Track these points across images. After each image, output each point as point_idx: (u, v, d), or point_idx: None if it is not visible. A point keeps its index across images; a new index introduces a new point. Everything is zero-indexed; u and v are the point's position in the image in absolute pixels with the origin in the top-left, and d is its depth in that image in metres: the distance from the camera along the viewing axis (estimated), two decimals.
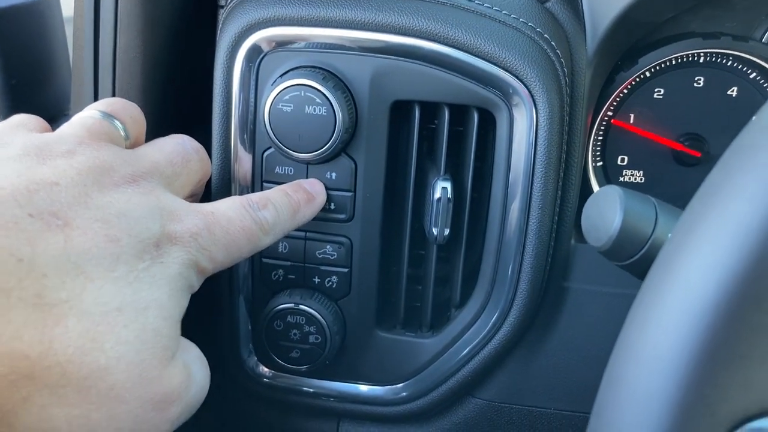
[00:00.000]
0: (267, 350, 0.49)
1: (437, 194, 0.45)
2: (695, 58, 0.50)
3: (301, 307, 0.48)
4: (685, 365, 0.23)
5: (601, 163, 0.53)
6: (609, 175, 0.54)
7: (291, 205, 0.42)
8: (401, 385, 0.51)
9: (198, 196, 0.46)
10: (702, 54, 0.50)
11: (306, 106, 0.42)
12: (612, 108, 0.52)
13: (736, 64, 0.50)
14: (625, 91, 0.51)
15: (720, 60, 0.50)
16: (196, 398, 0.36)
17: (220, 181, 0.47)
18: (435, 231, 0.46)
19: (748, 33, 0.50)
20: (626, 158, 0.53)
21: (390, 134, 0.45)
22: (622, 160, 0.53)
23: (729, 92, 0.51)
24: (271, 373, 0.52)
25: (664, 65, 0.51)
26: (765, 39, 0.50)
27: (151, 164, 0.38)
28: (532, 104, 0.43)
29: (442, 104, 0.45)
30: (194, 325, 0.39)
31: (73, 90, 0.49)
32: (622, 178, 0.54)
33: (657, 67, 0.51)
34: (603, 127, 0.52)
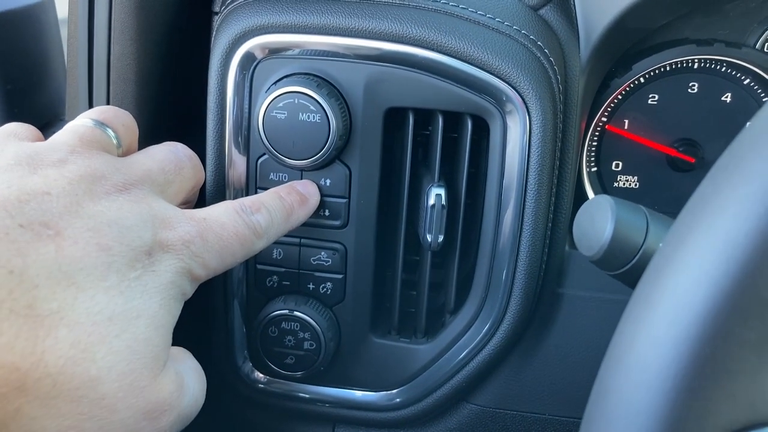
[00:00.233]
0: (262, 356, 0.49)
1: (431, 201, 0.45)
2: (689, 65, 0.50)
3: (296, 314, 0.48)
4: (673, 377, 0.23)
5: (595, 168, 0.54)
6: (603, 181, 0.54)
7: (284, 208, 0.42)
8: (396, 391, 0.51)
9: (191, 204, 0.45)
10: (696, 60, 0.50)
11: (300, 113, 0.42)
12: (606, 114, 0.52)
13: (729, 71, 0.50)
14: (620, 97, 0.51)
15: (714, 66, 0.50)
16: (190, 408, 0.36)
17: (214, 188, 0.47)
18: (429, 237, 0.46)
19: (741, 40, 0.50)
20: (621, 164, 0.53)
21: (384, 141, 0.45)
22: (617, 166, 0.53)
23: (723, 98, 0.51)
24: (266, 379, 0.52)
25: (658, 71, 0.51)
26: (758, 45, 0.51)
27: (143, 172, 0.38)
28: (526, 111, 0.43)
29: (436, 111, 0.45)
30: (189, 332, 0.39)
31: (68, 97, 0.49)
32: (616, 184, 0.54)
33: (651, 73, 0.51)
34: (597, 133, 0.53)
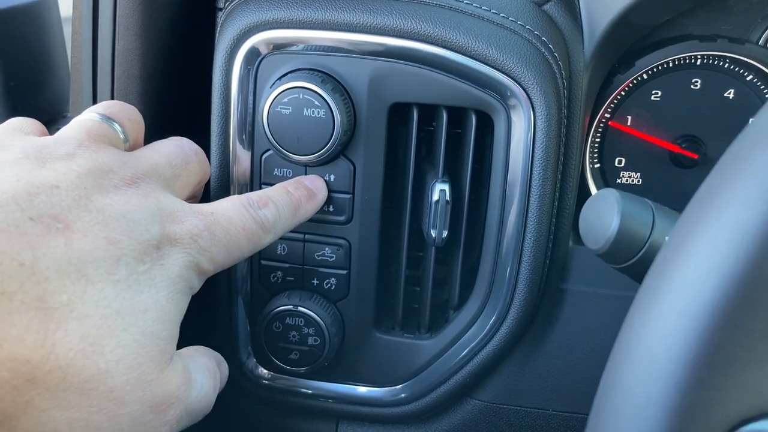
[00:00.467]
0: (266, 352, 0.49)
1: (435, 196, 0.45)
2: (692, 61, 0.51)
3: (300, 309, 0.48)
4: (682, 368, 0.23)
5: (598, 164, 0.54)
6: (606, 177, 0.54)
7: (292, 203, 0.42)
8: (400, 386, 0.51)
9: (197, 198, 0.46)
10: (699, 56, 0.50)
11: (304, 109, 0.43)
12: (609, 110, 0.52)
13: (732, 67, 0.50)
14: (623, 93, 0.52)
15: (717, 62, 0.50)
16: (199, 404, 0.36)
17: (218, 183, 0.47)
18: (433, 233, 0.46)
19: (744, 35, 0.51)
20: (624, 160, 0.53)
21: (388, 136, 0.45)
22: (620, 162, 0.54)
23: (726, 94, 0.51)
24: (270, 375, 0.52)
25: (661, 67, 0.51)
26: (761, 42, 0.51)
27: (150, 166, 0.38)
28: (530, 107, 0.44)
29: (440, 107, 0.45)
30: (193, 327, 0.39)
31: (72, 93, 0.49)
32: (619, 180, 0.54)
33: (654, 69, 0.51)
34: (600, 129, 0.53)
